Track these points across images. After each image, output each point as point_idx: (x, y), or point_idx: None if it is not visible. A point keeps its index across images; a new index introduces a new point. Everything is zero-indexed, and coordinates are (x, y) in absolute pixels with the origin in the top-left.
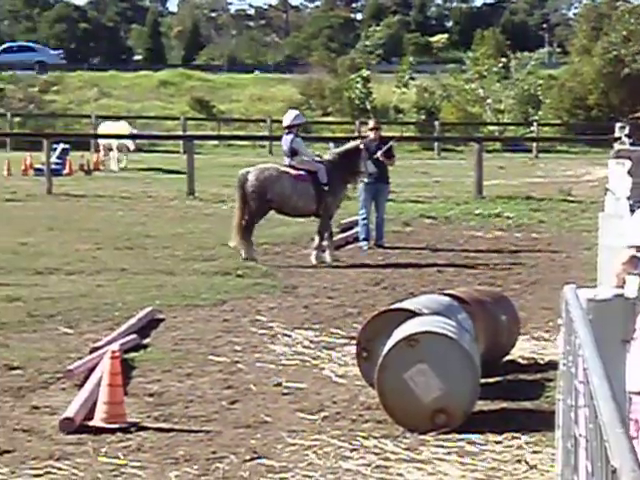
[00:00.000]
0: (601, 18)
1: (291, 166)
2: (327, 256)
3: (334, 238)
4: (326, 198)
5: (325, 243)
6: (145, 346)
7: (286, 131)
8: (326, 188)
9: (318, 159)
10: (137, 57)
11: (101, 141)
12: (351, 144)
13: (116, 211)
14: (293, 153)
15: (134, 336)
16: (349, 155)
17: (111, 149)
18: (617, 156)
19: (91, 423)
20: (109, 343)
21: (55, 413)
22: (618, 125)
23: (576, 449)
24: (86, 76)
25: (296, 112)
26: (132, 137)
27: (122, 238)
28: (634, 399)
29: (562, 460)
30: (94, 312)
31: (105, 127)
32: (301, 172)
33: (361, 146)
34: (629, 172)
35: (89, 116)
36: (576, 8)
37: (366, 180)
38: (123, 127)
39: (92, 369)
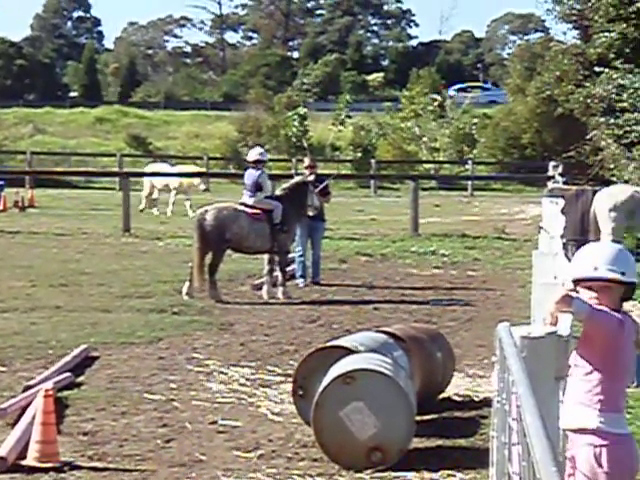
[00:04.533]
0: (535, 58)
1: (247, 204)
2: (279, 292)
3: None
4: (280, 235)
5: (280, 279)
6: (79, 384)
7: (252, 166)
8: (280, 226)
9: (270, 194)
10: (73, 94)
11: (151, 180)
12: (298, 179)
13: (51, 248)
14: (258, 188)
15: (68, 374)
16: (298, 190)
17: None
18: (551, 195)
19: (24, 462)
20: (43, 381)
21: None
22: (552, 164)
23: None
24: (21, 112)
25: (261, 149)
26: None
27: (57, 275)
28: (570, 436)
29: None
30: (28, 350)
31: (154, 167)
32: (257, 211)
33: (308, 179)
34: (562, 211)
35: (24, 152)
36: (510, 48)
37: (311, 213)
38: (165, 167)
39: (25, 408)
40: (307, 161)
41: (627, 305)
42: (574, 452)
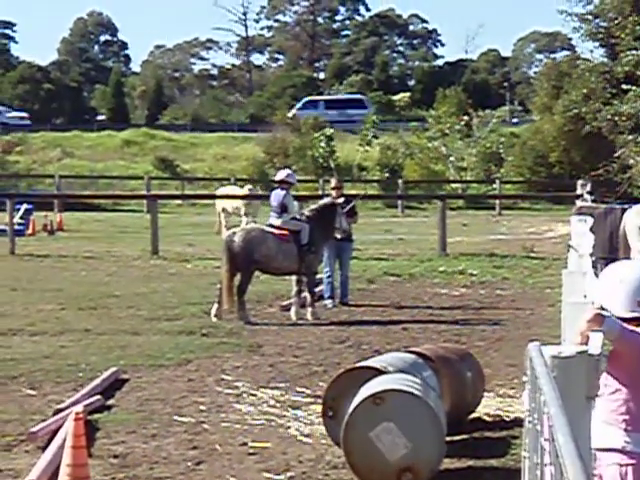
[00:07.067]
0: (562, 76)
1: (274, 226)
2: (308, 313)
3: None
4: (308, 256)
5: (308, 300)
6: (109, 407)
7: (278, 186)
8: (307, 247)
9: (298, 216)
10: (100, 117)
11: (222, 205)
12: (326, 200)
13: (80, 271)
14: (283, 209)
15: (98, 397)
16: (326, 211)
17: (230, 213)
18: (579, 213)
19: None
20: (73, 404)
21: (18, 476)
22: (580, 182)
23: None
24: (49, 136)
25: (290, 171)
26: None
27: (86, 298)
28: (598, 455)
29: None
30: (57, 373)
31: (226, 190)
32: (284, 232)
33: (337, 201)
34: (591, 229)
35: (52, 176)
36: (537, 67)
37: (339, 236)
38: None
39: (56, 431)
40: (334, 182)
41: None
42: (601, 471)
